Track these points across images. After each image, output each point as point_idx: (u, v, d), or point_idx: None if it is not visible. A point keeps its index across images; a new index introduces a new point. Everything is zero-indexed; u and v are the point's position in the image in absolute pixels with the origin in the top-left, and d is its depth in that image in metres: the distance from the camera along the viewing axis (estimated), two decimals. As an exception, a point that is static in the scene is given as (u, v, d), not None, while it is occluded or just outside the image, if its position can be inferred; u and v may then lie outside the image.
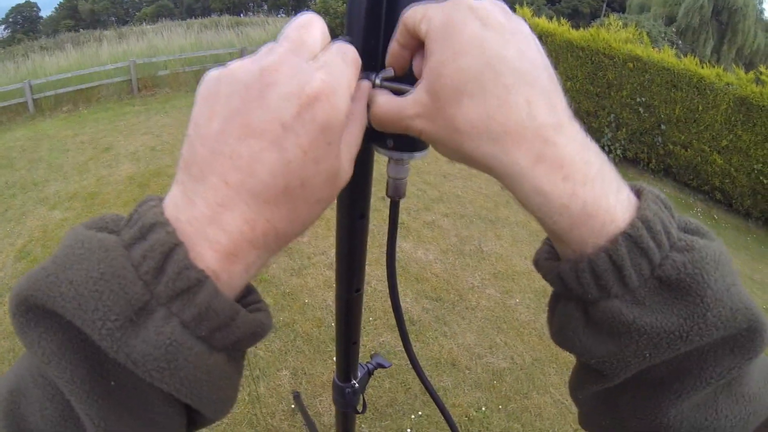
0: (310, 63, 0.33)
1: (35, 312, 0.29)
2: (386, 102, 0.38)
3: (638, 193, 0.35)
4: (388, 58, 0.41)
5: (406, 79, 0.40)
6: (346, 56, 0.35)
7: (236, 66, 0.32)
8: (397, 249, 4.50)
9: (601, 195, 0.32)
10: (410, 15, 0.36)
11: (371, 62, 0.44)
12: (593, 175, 0.32)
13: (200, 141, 0.31)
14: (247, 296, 0.36)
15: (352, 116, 0.37)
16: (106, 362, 0.29)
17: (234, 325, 0.30)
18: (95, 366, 0.29)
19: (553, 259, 0.37)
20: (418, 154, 0.50)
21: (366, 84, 0.40)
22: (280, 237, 0.32)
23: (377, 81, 0.42)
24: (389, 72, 0.42)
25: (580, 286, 0.33)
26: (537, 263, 0.39)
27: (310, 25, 0.35)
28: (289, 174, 0.31)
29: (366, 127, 0.44)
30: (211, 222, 0.30)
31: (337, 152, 0.33)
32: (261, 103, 0.30)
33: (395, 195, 0.54)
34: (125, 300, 0.28)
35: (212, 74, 0.33)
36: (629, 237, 0.31)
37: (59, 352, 0.28)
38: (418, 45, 0.38)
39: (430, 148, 0.50)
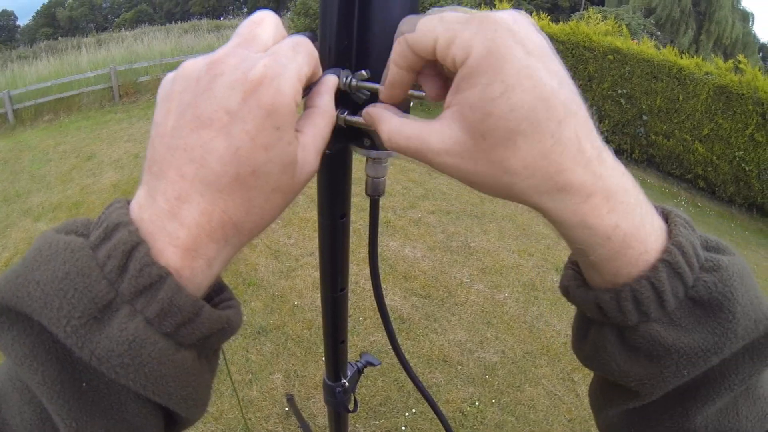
0: (258, 54, 0.32)
1: (8, 315, 0.29)
2: (403, 128, 0.36)
3: (665, 215, 0.36)
4: (387, 88, 0.38)
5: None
6: (297, 46, 0.34)
7: (188, 63, 0.33)
8: (385, 248, 4.52)
9: (640, 225, 0.33)
10: (423, 35, 0.33)
11: (344, 63, 0.44)
12: (632, 204, 0.32)
13: (159, 139, 0.32)
14: (219, 293, 0.37)
15: (317, 109, 0.37)
16: (78, 363, 0.29)
17: (198, 321, 0.31)
18: (66, 367, 0.29)
19: (584, 287, 0.37)
20: (395, 152, 0.50)
21: (332, 78, 0.39)
22: (238, 229, 0.32)
23: (353, 83, 0.42)
24: (363, 74, 0.42)
25: (622, 313, 0.33)
26: (567, 291, 0.39)
27: (262, 21, 0.35)
28: (239, 161, 0.30)
29: (342, 127, 0.45)
30: (170, 217, 0.30)
31: (289, 139, 0.32)
32: (209, 94, 0.30)
33: (374, 194, 0.55)
34: (89, 298, 0.28)
35: (168, 76, 0.34)
36: (668, 264, 0.32)
37: (31, 354, 0.29)
38: (424, 65, 0.36)
39: None
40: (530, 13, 9.11)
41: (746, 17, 25.41)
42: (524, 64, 0.29)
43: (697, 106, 7.58)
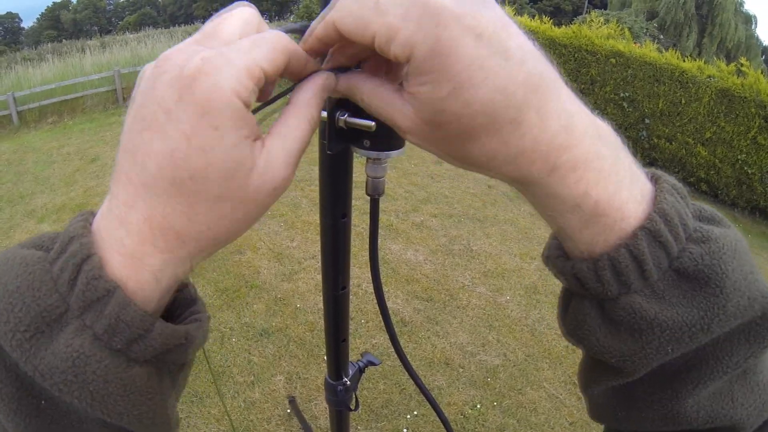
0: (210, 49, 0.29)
1: None
2: (373, 98, 0.34)
3: (654, 180, 0.34)
4: (305, 47, 0.34)
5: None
6: (259, 39, 0.30)
7: (148, 64, 0.31)
8: (387, 251, 4.53)
9: (614, 192, 0.31)
10: (357, 26, 0.30)
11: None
12: (607, 170, 0.31)
13: (120, 146, 0.30)
14: (191, 306, 0.35)
15: (291, 107, 0.34)
16: (35, 381, 0.28)
17: (150, 337, 0.29)
18: (25, 385, 0.29)
19: (564, 257, 0.36)
20: (394, 153, 0.51)
21: (320, 76, 0.35)
22: (181, 238, 0.30)
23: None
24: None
25: (600, 283, 0.32)
26: (548, 260, 0.37)
27: (230, 16, 0.32)
28: (175, 164, 0.28)
29: (342, 128, 0.46)
30: (119, 224, 0.29)
31: (234, 141, 0.28)
32: (151, 93, 0.28)
33: (374, 193, 0.56)
34: (37, 311, 0.28)
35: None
36: (648, 231, 0.30)
37: None
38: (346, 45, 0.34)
39: (411, 146, 0.52)
40: (533, 16, 9.12)
41: (749, 20, 25.38)
42: (474, 55, 0.27)
43: (700, 110, 7.57)
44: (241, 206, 0.30)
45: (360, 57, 0.35)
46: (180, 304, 0.36)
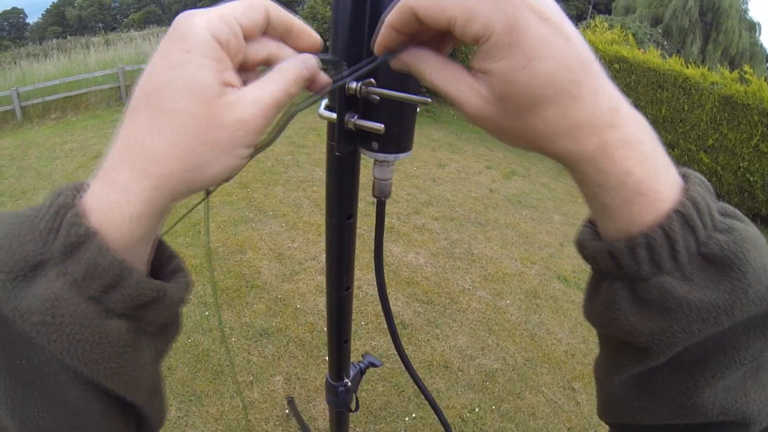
0: None
1: None
2: (442, 73, 0.36)
3: (684, 177, 0.36)
4: (379, 49, 0.38)
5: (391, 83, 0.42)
6: (238, 2, 0.35)
7: None
8: (388, 253, 4.53)
9: (653, 174, 0.33)
10: (436, 11, 0.33)
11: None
12: (648, 153, 0.33)
13: None
14: (175, 273, 0.38)
15: (273, 70, 0.37)
16: (18, 341, 0.30)
17: (126, 284, 0.31)
18: (6, 344, 0.30)
19: (599, 239, 0.38)
20: (402, 155, 0.52)
21: (303, 55, 0.38)
22: (149, 154, 0.32)
23: (363, 89, 0.43)
24: (371, 81, 0.44)
25: (635, 262, 0.34)
26: (582, 244, 0.39)
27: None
28: (149, 80, 0.32)
29: (351, 130, 0.47)
30: (108, 152, 0.33)
31: (201, 63, 0.32)
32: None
33: (381, 195, 0.57)
34: (20, 256, 0.30)
35: None
36: (681, 214, 0.33)
37: None
38: (421, 33, 0.37)
39: (414, 149, 0.52)
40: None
41: (753, 27, 25.36)
42: (543, 33, 0.31)
43: (702, 116, 7.57)
44: (205, 126, 0.32)
45: (416, 35, 0.38)
46: (168, 274, 0.38)
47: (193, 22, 0.33)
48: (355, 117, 0.46)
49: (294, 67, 0.37)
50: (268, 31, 0.37)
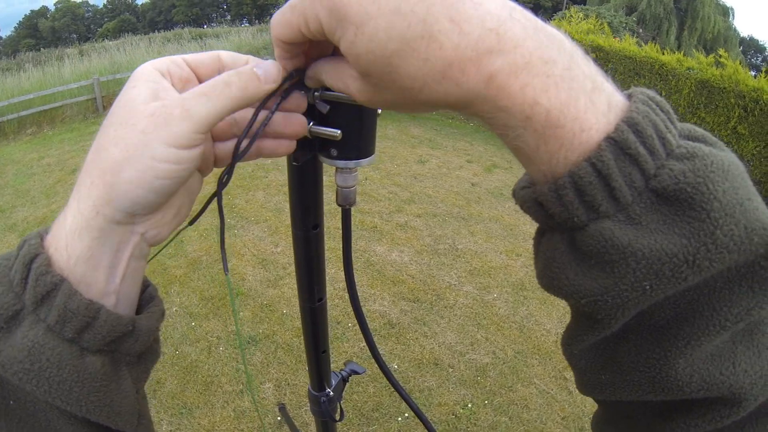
0: None
1: None
2: (333, 71, 0.36)
3: (629, 96, 0.31)
4: (277, 56, 0.38)
5: None
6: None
7: None
8: (372, 253, 4.54)
9: (568, 100, 0.28)
10: (286, 30, 0.34)
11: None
12: (557, 75, 0.28)
13: None
14: (149, 303, 0.39)
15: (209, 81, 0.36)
16: (5, 384, 0.31)
17: (97, 323, 0.32)
18: None
19: (528, 187, 0.33)
20: (364, 161, 0.50)
21: (248, 69, 0.37)
22: (87, 169, 0.34)
23: (316, 92, 0.42)
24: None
25: (563, 207, 0.29)
26: (514, 194, 0.35)
27: None
28: (109, 117, 0.35)
29: (308, 138, 0.45)
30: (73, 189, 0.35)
31: (138, 86, 0.35)
32: None
33: (345, 203, 0.55)
34: None
35: None
36: (613, 141, 0.27)
37: None
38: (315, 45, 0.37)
39: (377, 154, 0.51)
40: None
41: (726, 12, 25.70)
42: None
43: (680, 101, 7.65)
44: (118, 126, 0.33)
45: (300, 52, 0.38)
46: (142, 305, 0.39)
47: (146, 66, 0.36)
48: (311, 123, 0.44)
49: (231, 84, 0.36)
50: (224, 68, 0.39)
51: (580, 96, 0.28)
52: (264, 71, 0.37)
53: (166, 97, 0.34)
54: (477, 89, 0.28)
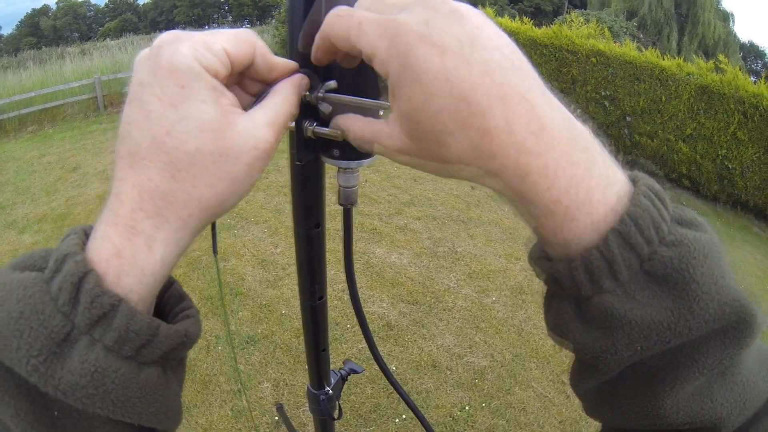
0: None
1: None
2: (364, 132, 0.38)
3: (634, 182, 0.35)
4: (314, 52, 0.39)
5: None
6: (227, 30, 0.36)
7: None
8: (371, 255, 4.53)
9: (586, 198, 0.32)
10: (344, 42, 0.35)
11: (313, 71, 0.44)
12: (579, 177, 0.32)
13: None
14: (180, 302, 0.39)
15: (273, 92, 0.38)
16: (47, 394, 0.30)
17: (157, 340, 0.32)
18: (37, 399, 0.30)
19: (545, 258, 0.37)
20: (365, 161, 0.51)
21: (295, 75, 0.40)
22: (168, 199, 0.32)
23: (320, 93, 0.43)
24: (332, 84, 0.43)
25: (574, 284, 0.33)
26: (531, 260, 0.39)
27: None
28: (152, 123, 0.32)
29: (311, 138, 0.46)
30: (116, 199, 0.32)
31: (203, 98, 0.32)
32: (133, 75, 0.33)
33: (347, 203, 0.56)
34: (45, 334, 0.29)
35: None
36: (618, 233, 0.32)
37: (1, 390, 0.30)
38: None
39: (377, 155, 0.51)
40: (513, 17, 9.16)
41: (726, 18, 25.71)
42: (440, 68, 0.30)
43: (680, 107, 7.66)
44: (222, 162, 0.33)
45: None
46: (169, 302, 0.39)
47: (180, 49, 0.32)
48: (314, 124, 0.45)
49: (291, 87, 0.39)
50: (252, 68, 0.38)
51: (595, 194, 0.32)
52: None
53: (244, 117, 0.34)
54: (511, 181, 0.32)
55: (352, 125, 0.39)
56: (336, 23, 0.35)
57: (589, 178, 0.32)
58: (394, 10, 0.33)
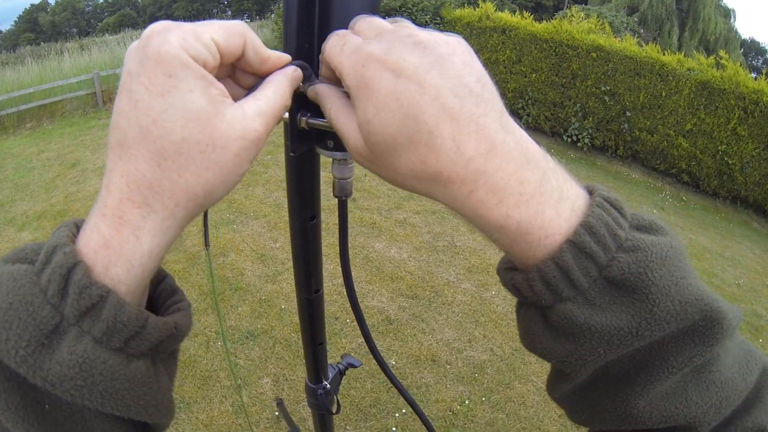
0: None
1: None
2: (338, 117, 0.39)
3: (591, 193, 0.37)
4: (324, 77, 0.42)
5: None
6: (217, 21, 0.36)
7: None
8: (371, 249, 4.53)
9: (536, 213, 0.34)
10: (331, 55, 0.38)
11: (310, 66, 0.44)
12: (529, 193, 0.34)
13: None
14: (172, 296, 0.39)
15: (266, 83, 0.38)
16: (38, 387, 0.30)
17: (145, 332, 0.32)
18: (28, 392, 0.30)
19: (510, 269, 0.39)
20: None
21: (288, 68, 0.40)
22: (155, 189, 0.32)
23: (314, 85, 0.43)
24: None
25: (534, 293, 0.35)
26: (498, 273, 0.41)
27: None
28: (139, 112, 0.31)
29: (305, 129, 0.46)
30: (105, 190, 0.32)
31: (189, 87, 0.32)
32: (124, 66, 0.33)
33: (342, 194, 0.56)
34: (34, 326, 0.29)
35: None
36: (573, 244, 0.33)
37: None
38: None
39: None
40: (513, 12, 9.13)
41: (728, 14, 25.69)
42: (392, 89, 0.33)
43: (680, 102, 7.65)
44: (209, 151, 0.33)
45: None
46: (161, 296, 0.39)
47: (168, 39, 0.32)
48: (308, 115, 0.45)
49: (284, 78, 0.39)
50: (243, 60, 0.37)
51: (546, 209, 0.34)
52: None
53: (233, 107, 0.34)
54: (459, 197, 0.34)
55: (332, 104, 0.40)
56: (330, 41, 0.38)
57: (540, 195, 0.34)
58: (372, 35, 0.36)
